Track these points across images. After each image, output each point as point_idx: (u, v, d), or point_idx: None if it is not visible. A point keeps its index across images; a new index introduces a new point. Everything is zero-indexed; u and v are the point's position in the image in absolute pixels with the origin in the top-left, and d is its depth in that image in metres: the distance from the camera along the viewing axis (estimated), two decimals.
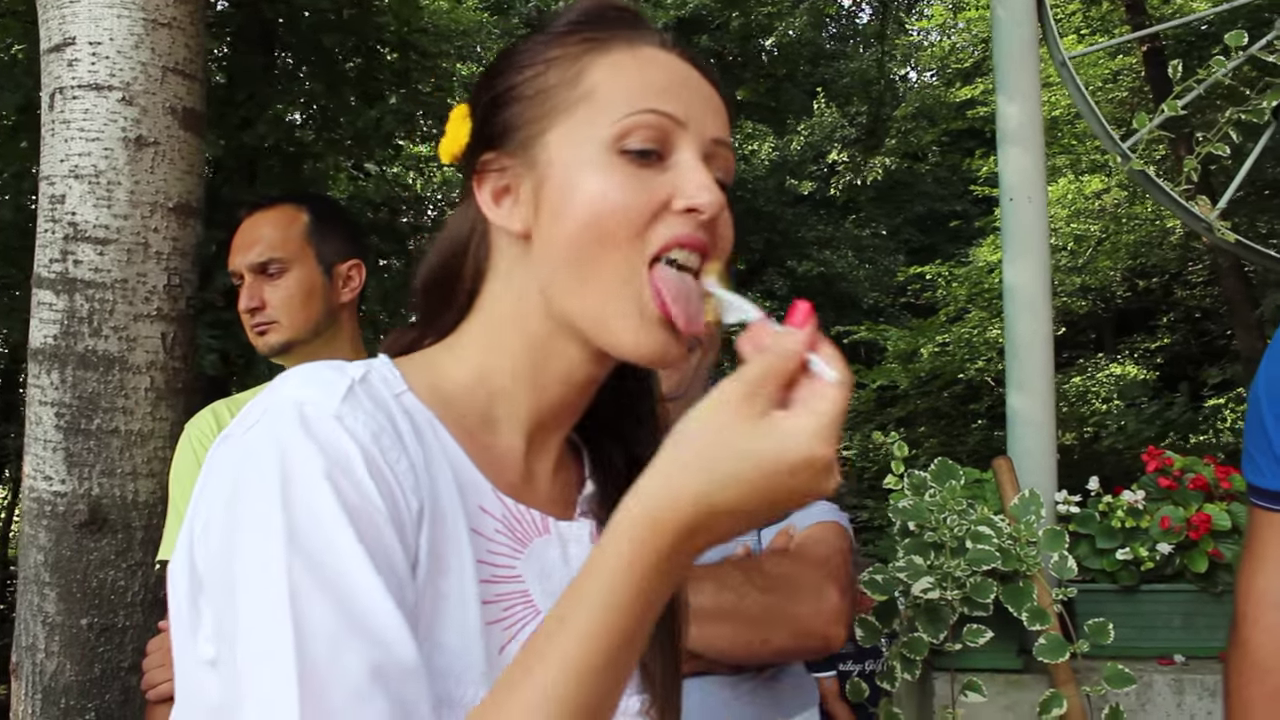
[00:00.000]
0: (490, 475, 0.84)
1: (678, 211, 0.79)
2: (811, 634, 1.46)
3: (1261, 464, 1.52)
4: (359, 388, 0.77)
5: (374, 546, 0.70)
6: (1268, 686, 1.49)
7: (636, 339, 0.80)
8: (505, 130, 0.85)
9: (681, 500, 0.67)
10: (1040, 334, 2.54)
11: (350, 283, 2.00)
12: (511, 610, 0.81)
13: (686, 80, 0.85)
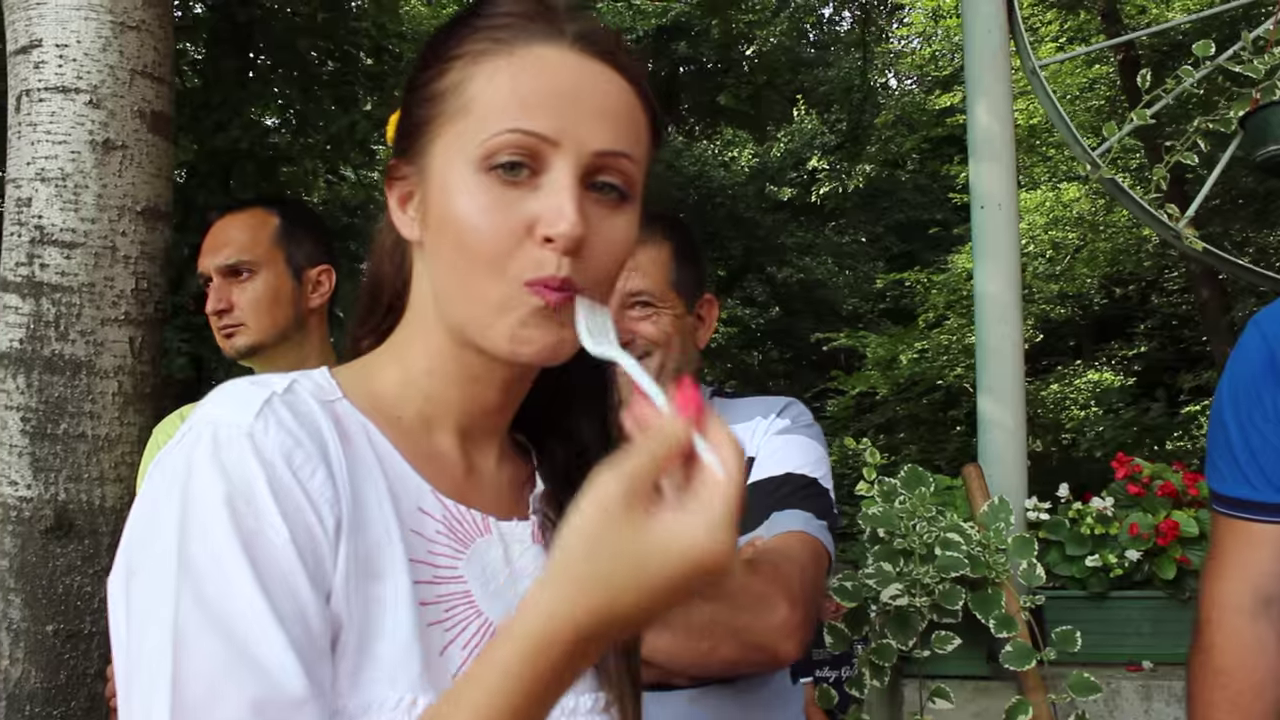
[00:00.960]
0: (429, 477, 0.84)
1: (538, 237, 0.78)
2: (759, 647, 1.44)
3: (1224, 470, 1.54)
4: (277, 401, 0.77)
5: (270, 574, 0.70)
6: (1230, 691, 1.50)
7: (513, 343, 0.79)
8: (407, 134, 0.85)
9: (577, 614, 0.66)
10: (1011, 340, 2.56)
11: (320, 288, 2.00)
12: (453, 611, 0.80)
13: (574, 89, 0.81)
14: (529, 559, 0.88)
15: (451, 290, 0.81)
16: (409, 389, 0.86)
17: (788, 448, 1.59)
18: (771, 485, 1.57)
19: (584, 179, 0.79)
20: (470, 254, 0.79)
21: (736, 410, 1.69)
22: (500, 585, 0.85)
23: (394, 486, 0.81)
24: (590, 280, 0.79)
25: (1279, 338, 1.52)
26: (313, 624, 0.71)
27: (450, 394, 0.86)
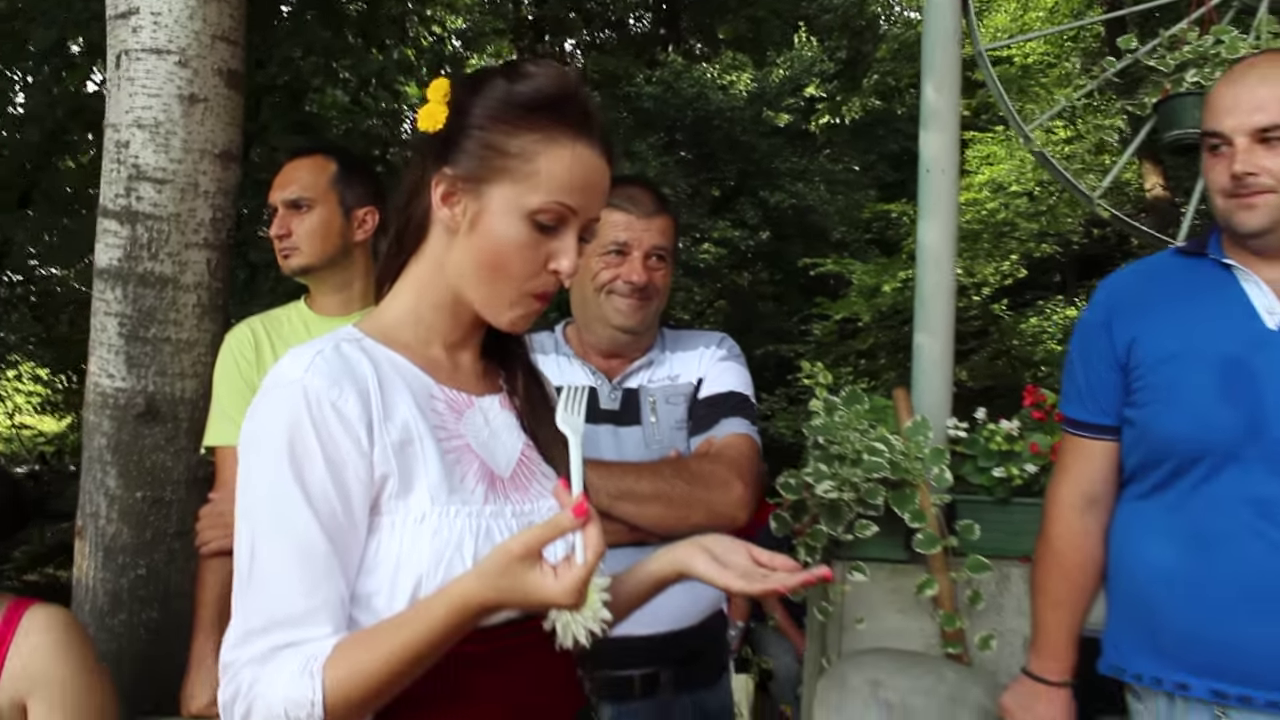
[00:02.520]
0: (432, 374, 1.29)
1: (549, 270, 1.27)
2: (722, 515, 1.96)
3: (1070, 397, 2.00)
4: (319, 357, 1.20)
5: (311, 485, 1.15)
6: (1063, 566, 1.98)
7: (510, 321, 1.29)
8: (468, 160, 1.25)
9: (487, 598, 1.12)
10: (944, 286, 3.00)
11: (365, 225, 2.45)
12: (461, 454, 1.26)
13: (596, 179, 1.27)
14: (500, 419, 1.34)
15: (476, 281, 1.27)
16: (416, 322, 1.31)
17: (728, 372, 2.10)
18: (719, 399, 2.09)
19: (580, 234, 1.28)
20: (502, 269, 1.25)
21: (686, 340, 2.21)
22: (485, 438, 1.30)
23: (411, 385, 1.25)
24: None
25: (1116, 298, 1.97)
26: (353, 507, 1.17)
27: (444, 324, 1.31)
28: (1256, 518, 1.71)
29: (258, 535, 1.17)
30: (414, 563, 1.18)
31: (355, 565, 1.19)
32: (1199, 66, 2.86)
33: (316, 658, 1.13)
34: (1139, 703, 1.86)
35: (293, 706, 1.11)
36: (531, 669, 1.27)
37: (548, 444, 1.36)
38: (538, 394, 1.41)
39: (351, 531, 1.18)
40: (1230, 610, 1.71)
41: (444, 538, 1.19)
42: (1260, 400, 1.73)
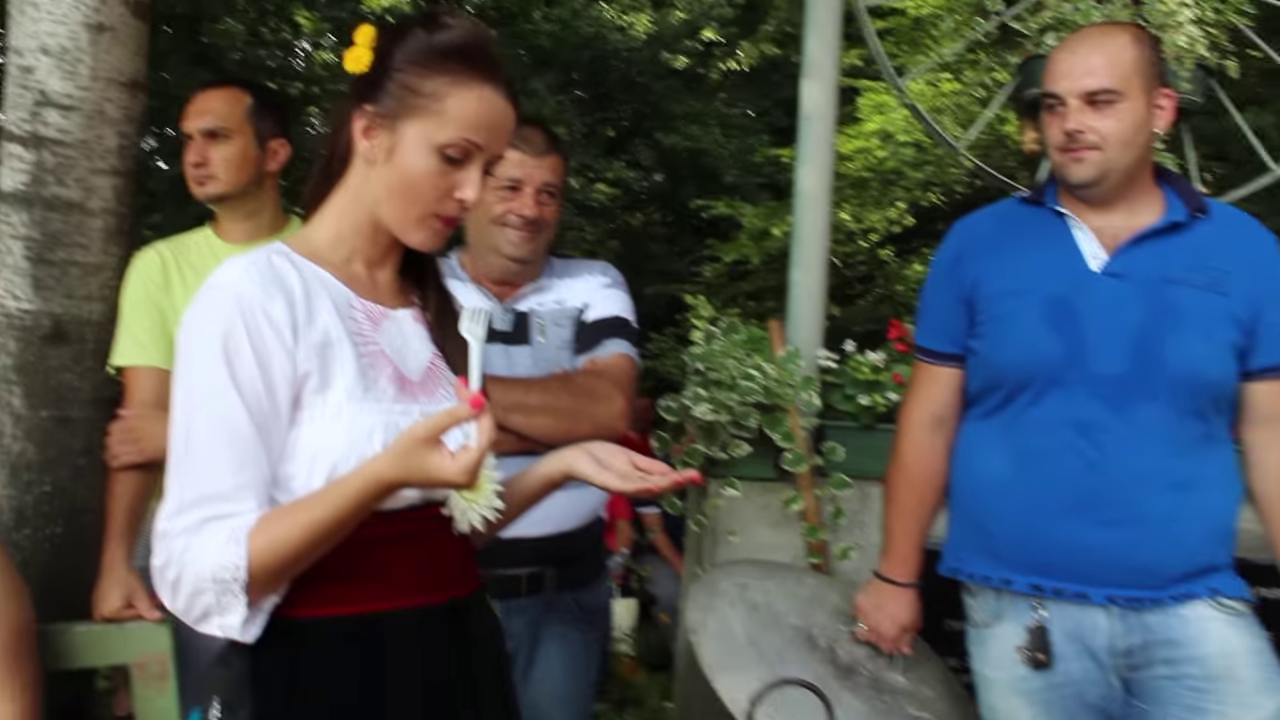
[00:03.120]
0: (352, 288, 1.44)
1: (455, 198, 1.42)
2: (604, 426, 2.15)
3: (922, 328, 2.23)
4: (253, 266, 1.35)
5: (242, 379, 1.31)
6: (911, 480, 2.21)
7: (420, 240, 1.44)
8: (387, 99, 1.40)
9: (393, 475, 1.27)
10: (818, 227, 3.21)
11: (277, 156, 2.56)
12: (375, 358, 1.42)
13: (500, 119, 1.43)
14: (412, 330, 1.49)
15: (392, 203, 1.42)
16: (338, 241, 1.46)
17: (611, 299, 2.28)
18: (603, 322, 2.29)
19: (484, 167, 1.43)
20: (415, 193, 1.40)
21: (574, 269, 2.40)
22: (399, 346, 1.46)
23: (333, 295, 1.41)
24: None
25: (965, 240, 2.19)
26: (277, 399, 1.33)
27: (363, 244, 1.47)
28: (1076, 436, 1.96)
29: (193, 421, 1.32)
30: (330, 450, 1.34)
31: (278, 451, 1.34)
32: (1057, 30, 3.09)
33: (242, 527, 1.28)
34: (972, 599, 2.10)
35: (219, 570, 1.27)
36: (431, 550, 1.44)
37: (453, 355, 1.53)
38: (447, 311, 1.56)
39: (275, 421, 1.33)
40: (1049, 516, 1.96)
41: (357, 429, 1.35)
42: (1082, 334, 1.96)
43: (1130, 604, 1.93)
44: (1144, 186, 2.04)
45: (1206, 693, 1.89)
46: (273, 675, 1.35)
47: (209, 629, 1.31)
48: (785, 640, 2.21)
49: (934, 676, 2.32)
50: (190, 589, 1.28)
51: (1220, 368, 1.98)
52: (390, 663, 1.39)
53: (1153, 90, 1.97)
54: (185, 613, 1.31)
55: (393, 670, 1.39)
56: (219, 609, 1.29)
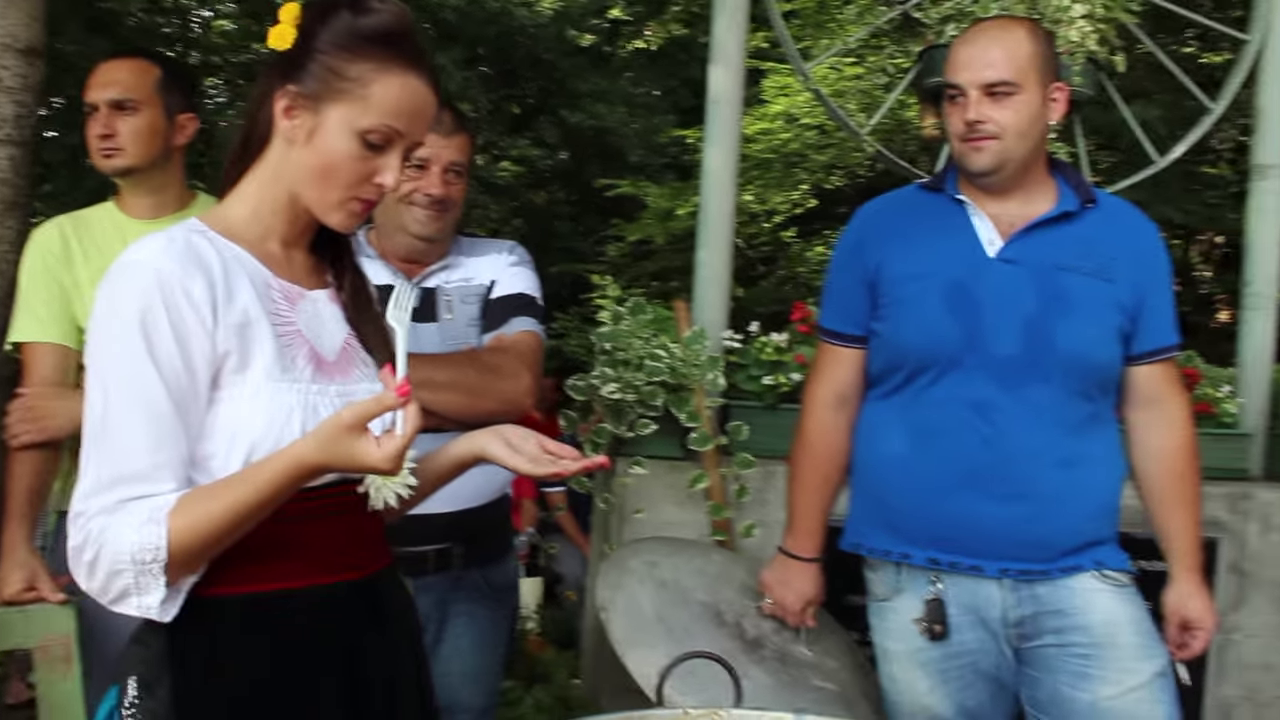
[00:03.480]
0: (270, 268, 1.43)
1: (374, 182, 1.42)
2: (511, 402, 2.16)
3: (826, 310, 2.28)
4: (171, 244, 1.34)
5: (161, 357, 1.29)
6: (814, 457, 2.26)
7: (339, 222, 1.44)
8: (310, 80, 1.39)
9: (317, 459, 1.28)
10: (724, 209, 3.26)
11: (184, 130, 2.51)
12: (293, 338, 1.42)
13: (422, 106, 1.43)
14: (328, 311, 1.49)
15: (310, 184, 1.41)
16: (254, 219, 1.44)
17: (518, 276, 2.30)
18: (509, 300, 2.30)
19: (404, 154, 1.43)
20: (334, 177, 1.40)
21: (481, 247, 2.40)
22: (315, 326, 1.46)
23: (251, 275, 1.40)
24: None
25: (869, 224, 2.25)
26: (196, 378, 1.32)
27: (281, 223, 1.46)
28: (972, 415, 2.03)
29: (110, 399, 1.31)
30: (248, 430, 1.34)
31: (196, 431, 1.34)
32: (958, 20, 3.18)
33: (162, 508, 1.27)
34: (872, 573, 2.17)
35: (139, 551, 1.26)
36: (347, 526, 1.45)
37: (368, 335, 1.54)
38: (361, 291, 1.57)
39: (194, 400, 1.33)
40: (946, 492, 2.03)
41: (275, 409, 1.36)
42: (979, 317, 2.04)
43: (1022, 576, 2.01)
44: (1038, 176, 2.12)
45: (1091, 659, 1.98)
46: (190, 653, 1.36)
47: (126, 609, 1.30)
48: (693, 616, 2.25)
49: (838, 649, 2.39)
50: (108, 569, 1.28)
51: (1106, 351, 2.07)
52: (306, 639, 1.40)
53: (1048, 83, 2.05)
54: (101, 593, 1.30)
55: (309, 646, 1.40)
56: (137, 589, 1.29)
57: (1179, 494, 2.14)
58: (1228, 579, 3.18)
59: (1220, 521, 3.18)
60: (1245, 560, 3.22)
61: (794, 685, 2.19)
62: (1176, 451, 2.14)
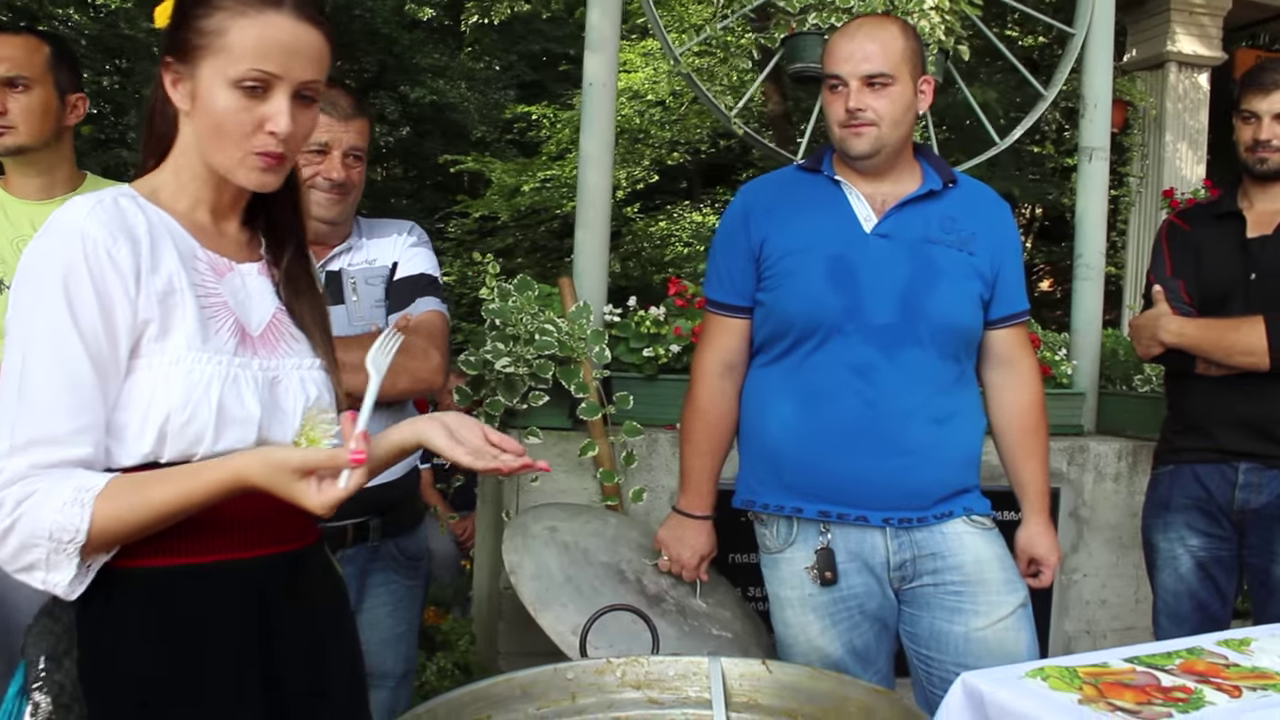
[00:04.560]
0: (198, 238, 1.44)
1: (266, 131, 1.39)
2: (423, 380, 2.26)
3: (713, 282, 2.42)
4: (98, 206, 1.34)
5: (83, 321, 1.30)
6: (704, 421, 2.41)
7: (248, 180, 1.42)
8: (183, 47, 1.39)
9: (256, 481, 1.30)
10: (601, 188, 3.38)
11: (75, 110, 2.49)
12: (217, 310, 1.42)
13: (292, 42, 1.38)
14: (256, 284, 1.50)
15: (210, 147, 1.41)
16: (180, 190, 1.45)
17: (418, 256, 2.40)
18: (413, 280, 2.40)
19: (293, 95, 1.40)
20: (224, 133, 1.39)
21: (380, 228, 2.48)
22: (241, 299, 1.46)
23: (178, 244, 1.40)
24: (291, 148, 1.43)
25: (753, 201, 2.40)
26: (117, 345, 1.32)
27: (206, 193, 1.46)
28: (854, 377, 2.21)
29: (29, 361, 1.30)
30: (165, 400, 1.34)
31: (114, 398, 1.33)
32: (818, 11, 3.37)
33: (90, 489, 1.27)
34: (764, 528, 2.34)
35: (58, 530, 1.26)
36: (262, 502, 1.40)
37: (301, 312, 1.55)
38: (298, 266, 1.58)
39: (114, 367, 1.33)
40: (832, 449, 2.21)
41: (194, 379, 1.35)
42: (858, 287, 2.22)
43: (902, 524, 2.21)
44: (906, 159, 2.31)
45: (964, 595, 2.20)
46: (100, 626, 1.35)
47: (30, 581, 1.30)
48: (598, 575, 2.39)
49: (729, 600, 2.56)
50: (20, 541, 1.27)
51: (971, 317, 2.28)
52: (221, 612, 1.39)
53: (917, 76, 2.25)
54: (8, 560, 1.29)
55: (223, 620, 1.39)
56: (46, 565, 1.28)
57: (1031, 445, 2.38)
58: (1068, 524, 3.49)
59: (1060, 473, 3.48)
60: (1082, 507, 3.53)
61: (695, 634, 2.35)
62: (1029, 407, 2.38)
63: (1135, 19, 6.60)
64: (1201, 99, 6.57)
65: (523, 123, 13.91)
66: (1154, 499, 2.91)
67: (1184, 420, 2.85)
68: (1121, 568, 3.59)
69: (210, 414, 1.35)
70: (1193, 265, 2.86)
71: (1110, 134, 4.01)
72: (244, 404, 1.39)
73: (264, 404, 1.42)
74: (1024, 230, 12.40)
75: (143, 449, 1.34)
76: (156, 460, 1.34)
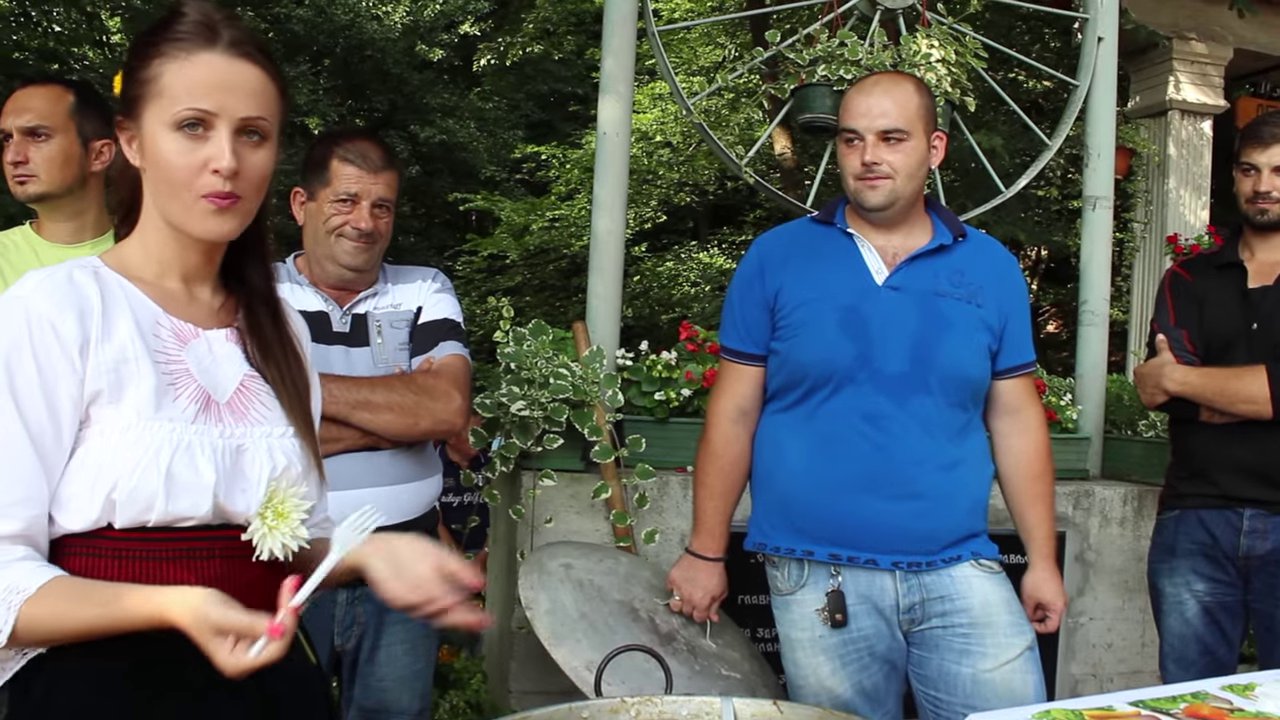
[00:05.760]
0: (163, 305, 1.41)
1: (210, 170, 1.36)
2: (444, 422, 2.33)
3: (729, 330, 2.49)
4: (48, 279, 1.33)
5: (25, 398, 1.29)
6: (718, 464, 2.46)
7: (202, 228, 1.39)
8: (127, 101, 1.40)
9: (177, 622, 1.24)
10: (614, 234, 3.45)
11: (101, 156, 2.56)
12: (178, 378, 1.39)
13: (227, 79, 1.37)
14: (224, 350, 1.46)
15: (162, 199, 1.39)
16: (148, 256, 1.43)
17: (442, 302, 2.48)
18: (436, 325, 2.47)
19: (236, 132, 1.37)
20: (169, 179, 1.37)
21: (405, 274, 2.56)
22: (207, 365, 1.43)
23: (136, 311, 1.38)
24: (245, 190, 1.39)
25: (768, 252, 2.47)
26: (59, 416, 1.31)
27: (172, 255, 1.43)
28: (865, 424, 2.26)
29: None
30: (113, 468, 1.32)
31: (58, 471, 1.32)
32: (827, 63, 3.44)
33: (21, 592, 1.26)
34: (776, 570, 2.38)
35: None
36: (223, 572, 1.38)
37: (275, 377, 1.51)
38: (269, 328, 1.53)
39: (56, 441, 1.32)
40: (843, 493, 2.26)
41: (143, 447, 1.33)
42: (869, 338, 2.28)
43: (911, 568, 2.25)
44: (918, 212, 2.38)
45: (972, 637, 2.24)
46: (28, 708, 1.32)
47: None
48: (612, 613, 2.43)
49: (737, 641, 2.61)
50: None
51: (979, 367, 2.34)
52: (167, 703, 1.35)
53: (930, 132, 2.32)
54: None
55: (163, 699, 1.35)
56: None
57: (1037, 491, 2.43)
58: (1074, 568, 3.53)
59: (1066, 517, 3.52)
60: (1088, 551, 3.57)
61: (705, 674, 2.39)
62: (1035, 454, 2.43)
63: (1138, 67, 6.70)
64: (1204, 145, 6.66)
65: (531, 162, 14.02)
66: (1160, 544, 2.95)
67: (1189, 466, 2.90)
68: (1127, 611, 3.62)
69: (159, 481, 1.33)
70: (1196, 315, 2.91)
71: (1114, 180, 4.08)
72: (198, 471, 1.36)
73: (223, 471, 1.38)
74: (1029, 273, 12.47)
75: (91, 515, 1.33)
76: (110, 525, 1.33)
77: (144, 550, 1.34)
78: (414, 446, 2.39)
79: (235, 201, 1.39)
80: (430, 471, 2.47)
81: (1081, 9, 4.07)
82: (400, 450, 2.35)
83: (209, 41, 1.37)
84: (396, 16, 16.23)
